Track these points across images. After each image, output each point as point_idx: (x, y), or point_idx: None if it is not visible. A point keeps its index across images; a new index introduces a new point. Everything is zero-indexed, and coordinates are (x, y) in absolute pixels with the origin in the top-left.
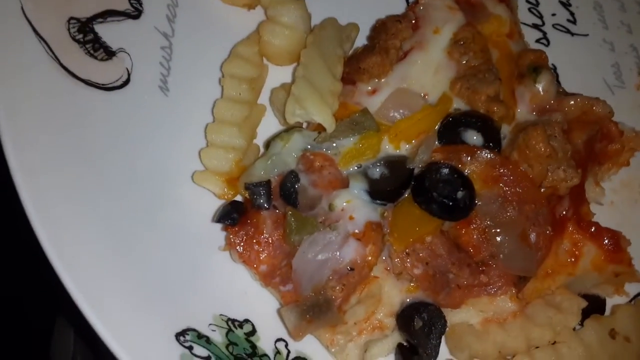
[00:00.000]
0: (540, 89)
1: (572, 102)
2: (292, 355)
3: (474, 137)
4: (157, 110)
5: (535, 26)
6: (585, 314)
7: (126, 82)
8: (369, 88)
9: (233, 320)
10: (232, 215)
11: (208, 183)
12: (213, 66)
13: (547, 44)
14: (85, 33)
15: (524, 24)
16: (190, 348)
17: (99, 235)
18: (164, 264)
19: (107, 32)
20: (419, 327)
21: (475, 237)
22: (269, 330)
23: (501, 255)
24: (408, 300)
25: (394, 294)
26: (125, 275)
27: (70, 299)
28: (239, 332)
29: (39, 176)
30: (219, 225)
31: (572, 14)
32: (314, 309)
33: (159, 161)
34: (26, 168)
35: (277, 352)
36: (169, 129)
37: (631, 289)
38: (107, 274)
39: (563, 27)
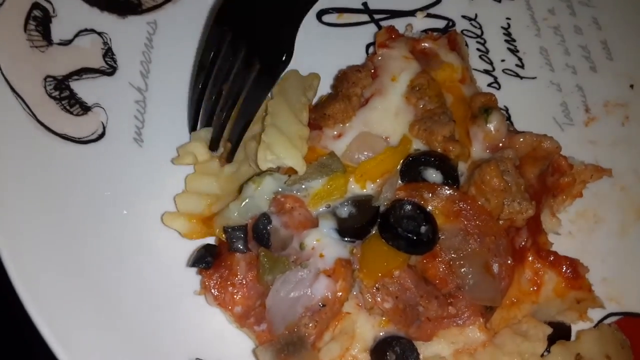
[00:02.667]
0: (492, 128)
1: (522, 139)
2: None
3: (433, 175)
4: (132, 160)
5: (486, 72)
6: (552, 340)
7: (101, 135)
8: (335, 132)
9: None
10: (206, 259)
11: (176, 223)
12: (185, 117)
13: (499, 88)
14: (61, 90)
15: (476, 70)
16: None
17: (76, 285)
18: (140, 310)
19: (83, 88)
20: None
21: (441, 269)
22: None
23: (467, 286)
24: (381, 334)
25: (366, 329)
26: (102, 320)
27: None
28: None
29: (16, 232)
30: (194, 270)
31: (520, 59)
32: (288, 347)
33: (134, 210)
34: (3, 223)
35: None
36: (143, 178)
37: (595, 314)
38: (83, 320)
39: (512, 71)
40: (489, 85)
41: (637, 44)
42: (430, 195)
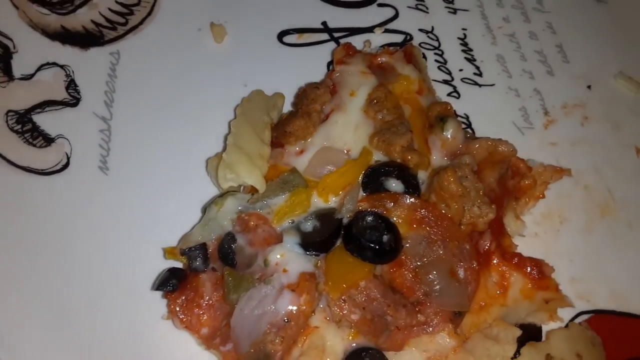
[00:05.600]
0: (449, 135)
1: (478, 145)
2: None
3: (394, 185)
4: (97, 189)
5: (445, 82)
6: (522, 342)
7: (65, 166)
8: (297, 149)
9: None
10: (170, 282)
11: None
12: (151, 143)
13: (458, 97)
14: (24, 123)
15: (435, 80)
16: None
17: (40, 316)
18: (107, 338)
19: (46, 120)
20: None
21: (408, 277)
22: None
23: (434, 293)
24: (352, 346)
25: (336, 342)
26: (68, 350)
27: None
28: None
29: None
30: (160, 294)
31: (477, 67)
32: None
33: (99, 238)
34: None
35: None
36: (109, 206)
37: (565, 314)
38: (47, 349)
39: (471, 80)
40: (449, 94)
41: (592, 45)
42: (393, 204)
